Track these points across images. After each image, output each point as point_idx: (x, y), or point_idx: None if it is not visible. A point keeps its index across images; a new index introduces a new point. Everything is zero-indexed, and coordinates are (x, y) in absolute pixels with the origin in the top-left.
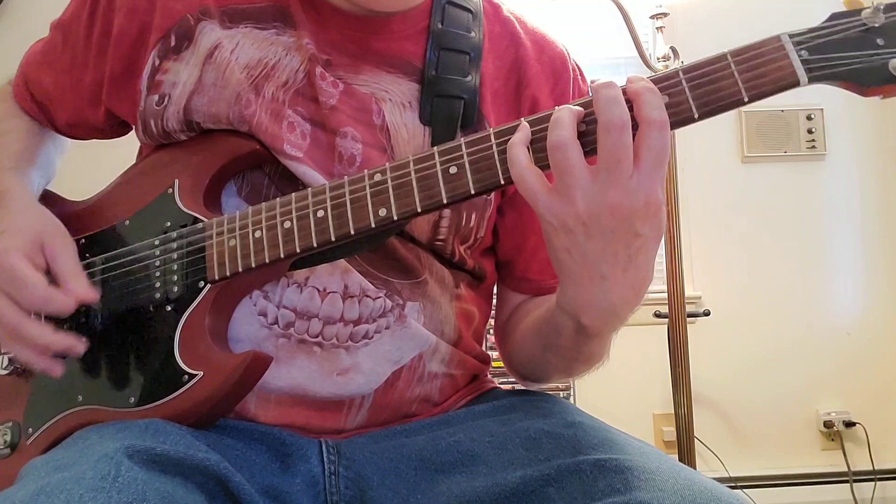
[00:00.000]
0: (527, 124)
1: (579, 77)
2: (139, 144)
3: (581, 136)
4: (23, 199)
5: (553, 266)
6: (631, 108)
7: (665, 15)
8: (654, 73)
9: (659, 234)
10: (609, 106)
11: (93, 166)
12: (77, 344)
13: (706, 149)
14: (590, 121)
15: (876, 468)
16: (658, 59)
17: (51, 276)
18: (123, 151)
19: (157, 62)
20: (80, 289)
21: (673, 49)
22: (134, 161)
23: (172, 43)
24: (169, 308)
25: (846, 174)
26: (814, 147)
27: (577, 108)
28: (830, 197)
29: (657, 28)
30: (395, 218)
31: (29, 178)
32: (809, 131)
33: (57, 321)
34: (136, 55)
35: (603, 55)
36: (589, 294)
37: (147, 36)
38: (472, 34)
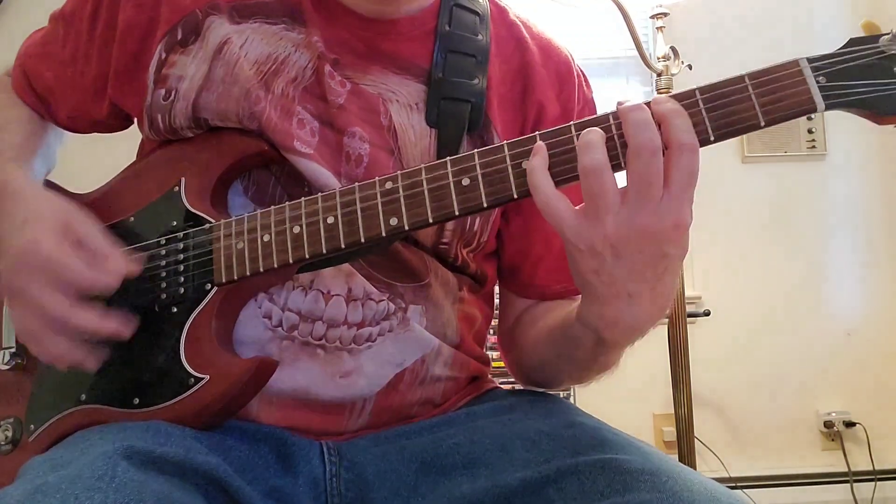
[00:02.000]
0: (544, 146)
1: (584, 83)
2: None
3: None
4: (30, 186)
5: (577, 286)
6: (658, 128)
7: (665, 15)
8: (672, 93)
9: (684, 252)
10: (640, 130)
11: (95, 159)
12: (126, 327)
13: (706, 149)
14: (608, 139)
15: (876, 468)
16: (658, 58)
17: (84, 256)
18: (127, 144)
19: (163, 55)
20: (121, 264)
21: (673, 49)
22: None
23: (179, 36)
24: (175, 309)
25: (846, 174)
26: (814, 147)
27: (599, 129)
28: (831, 197)
29: (657, 28)
30: (407, 228)
31: (31, 168)
32: (809, 131)
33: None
34: (144, 49)
35: (603, 55)
36: (615, 312)
37: (154, 29)
38: (480, 37)
